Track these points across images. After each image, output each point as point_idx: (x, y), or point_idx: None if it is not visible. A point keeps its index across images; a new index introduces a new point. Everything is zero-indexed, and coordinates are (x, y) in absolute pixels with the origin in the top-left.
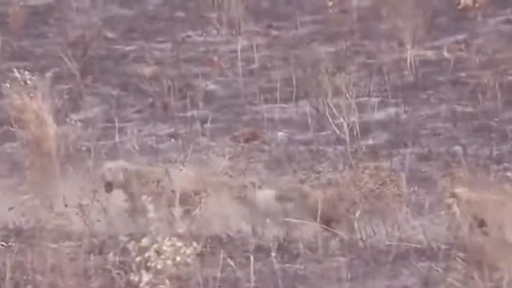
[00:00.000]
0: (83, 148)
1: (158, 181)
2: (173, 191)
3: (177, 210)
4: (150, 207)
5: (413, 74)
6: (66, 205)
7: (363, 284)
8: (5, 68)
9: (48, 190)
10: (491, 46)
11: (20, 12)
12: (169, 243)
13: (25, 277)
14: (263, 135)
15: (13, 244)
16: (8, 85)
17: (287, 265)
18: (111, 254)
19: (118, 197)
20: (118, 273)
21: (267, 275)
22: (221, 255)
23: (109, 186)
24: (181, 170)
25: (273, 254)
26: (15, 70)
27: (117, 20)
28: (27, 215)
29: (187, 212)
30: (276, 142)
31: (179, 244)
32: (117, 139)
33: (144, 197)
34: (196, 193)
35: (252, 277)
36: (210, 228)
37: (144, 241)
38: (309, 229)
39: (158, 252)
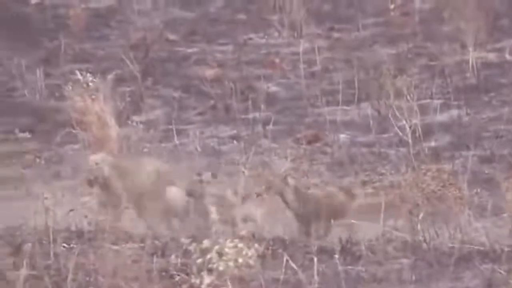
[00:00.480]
0: (145, 150)
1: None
2: (235, 193)
3: (239, 212)
4: (212, 209)
5: (475, 76)
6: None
7: (426, 286)
8: (67, 70)
9: None
10: None
11: (82, 15)
12: (231, 244)
13: (87, 279)
14: (325, 137)
15: (75, 246)
16: (70, 87)
17: (350, 267)
18: (173, 256)
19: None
20: (180, 275)
21: (330, 277)
22: (284, 257)
23: (90, 182)
24: (243, 172)
25: (336, 256)
26: (77, 72)
27: (179, 23)
28: (89, 217)
29: (249, 214)
30: (338, 144)
31: (240, 245)
32: (178, 141)
33: (207, 199)
34: (258, 194)
35: (315, 279)
36: (272, 229)
37: (206, 243)
38: (372, 231)
39: (220, 254)
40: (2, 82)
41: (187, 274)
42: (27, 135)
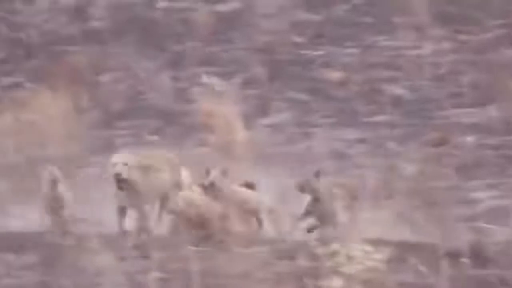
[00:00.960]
0: (272, 152)
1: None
2: (358, 197)
3: (366, 215)
4: (340, 212)
5: None
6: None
7: None
8: (194, 74)
9: None
10: None
11: (208, 18)
12: (359, 248)
13: (215, 282)
14: (452, 140)
15: (204, 248)
16: (197, 90)
17: (479, 270)
18: (301, 260)
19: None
20: (308, 279)
21: (459, 280)
22: (412, 261)
23: (121, 182)
24: (369, 174)
25: (465, 259)
26: (203, 76)
27: (305, 25)
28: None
29: (375, 217)
30: (465, 147)
31: (368, 249)
32: (305, 143)
33: (336, 202)
34: (385, 198)
35: (444, 283)
36: (399, 233)
37: (334, 246)
38: (501, 234)
39: (348, 257)
40: (130, 85)
41: (315, 277)
42: (155, 138)
